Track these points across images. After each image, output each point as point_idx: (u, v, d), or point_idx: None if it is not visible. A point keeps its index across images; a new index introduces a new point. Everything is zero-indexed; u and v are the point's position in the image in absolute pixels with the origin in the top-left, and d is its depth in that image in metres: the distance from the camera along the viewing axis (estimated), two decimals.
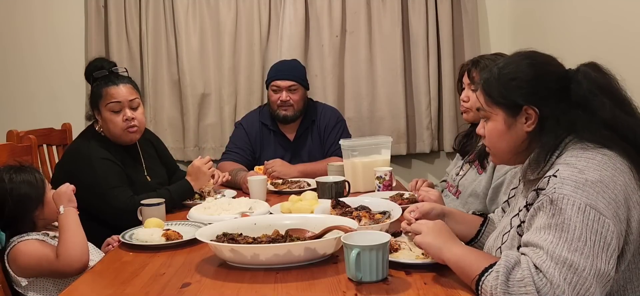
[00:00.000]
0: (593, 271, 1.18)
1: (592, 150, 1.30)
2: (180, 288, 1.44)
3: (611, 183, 1.24)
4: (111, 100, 2.36)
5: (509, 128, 1.41)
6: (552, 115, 1.35)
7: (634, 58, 2.32)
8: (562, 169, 1.27)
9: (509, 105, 1.40)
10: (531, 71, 1.39)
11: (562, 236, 1.20)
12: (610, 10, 2.50)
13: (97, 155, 2.32)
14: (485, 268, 1.28)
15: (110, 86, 2.39)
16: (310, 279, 1.46)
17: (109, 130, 2.40)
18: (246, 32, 3.58)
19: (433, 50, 3.59)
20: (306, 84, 3.17)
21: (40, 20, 3.60)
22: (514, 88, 1.39)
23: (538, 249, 1.22)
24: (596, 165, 1.26)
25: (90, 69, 2.47)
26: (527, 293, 1.18)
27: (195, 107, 3.60)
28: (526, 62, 1.41)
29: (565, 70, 1.40)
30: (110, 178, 2.28)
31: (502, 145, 1.44)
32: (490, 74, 1.44)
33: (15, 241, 1.85)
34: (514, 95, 1.38)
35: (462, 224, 1.72)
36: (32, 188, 1.90)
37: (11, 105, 3.62)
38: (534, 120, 1.37)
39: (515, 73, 1.40)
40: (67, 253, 1.79)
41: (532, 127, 1.38)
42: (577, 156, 1.30)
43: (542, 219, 1.25)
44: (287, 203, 2.16)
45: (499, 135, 1.43)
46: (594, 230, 1.19)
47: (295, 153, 3.14)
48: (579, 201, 1.21)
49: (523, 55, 1.44)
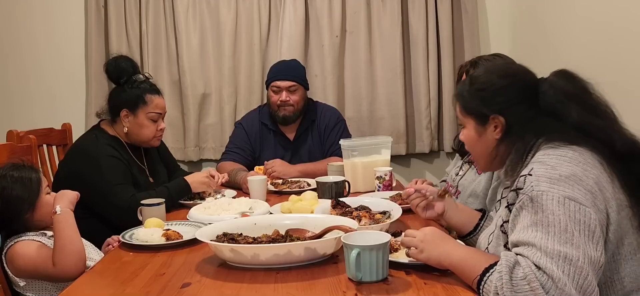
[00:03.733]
0: (586, 259, 1.21)
1: (563, 147, 1.36)
2: (180, 288, 1.44)
3: (584, 176, 1.29)
4: (155, 110, 2.48)
5: (480, 136, 1.52)
6: (519, 123, 1.44)
7: (634, 58, 2.32)
8: (536, 167, 1.32)
9: (477, 115, 1.51)
10: (500, 82, 1.49)
11: (550, 231, 1.23)
12: (610, 10, 2.50)
13: (104, 153, 2.34)
14: (486, 268, 1.29)
15: (155, 95, 2.49)
16: (310, 279, 1.46)
17: (138, 133, 2.46)
18: (246, 32, 3.58)
19: (433, 51, 3.59)
20: (306, 84, 3.17)
21: (40, 20, 3.60)
22: (482, 99, 1.49)
23: (531, 247, 1.24)
24: (568, 161, 1.31)
25: (121, 69, 2.47)
26: (533, 291, 1.19)
27: (196, 107, 3.60)
28: (495, 74, 1.52)
29: (536, 80, 1.48)
30: (115, 175, 2.29)
31: (477, 152, 1.55)
32: (463, 86, 1.56)
33: (13, 242, 1.83)
34: (481, 105, 1.49)
35: (462, 212, 1.81)
36: (25, 190, 1.85)
37: (11, 105, 3.61)
38: (501, 128, 1.46)
39: (485, 84, 1.50)
40: (63, 262, 1.76)
41: (500, 135, 1.47)
42: (549, 154, 1.35)
43: (526, 218, 1.29)
44: (287, 203, 2.16)
45: (472, 142, 1.55)
46: (577, 219, 1.23)
47: (295, 153, 3.14)
48: (557, 194, 1.26)
49: (494, 67, 1.57)
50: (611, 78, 2.47)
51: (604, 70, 2.54)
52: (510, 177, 1.44)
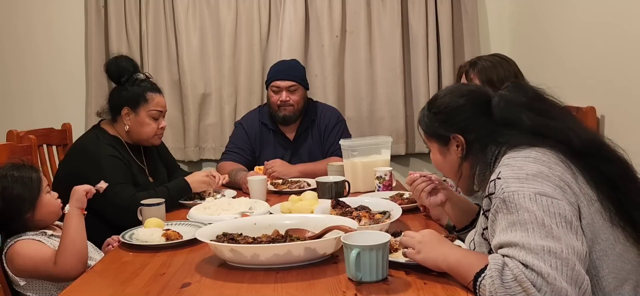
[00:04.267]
0: (569, 249, 1.22)
1: (526, 149, 1.40)
2: (180, 288, 1.44)
3: (549, 173, 1.32)
4: (156, 108, 2.49)
5: (444, 157, 1.59)
6: (478, 138, 1.50)
7: (634, 58, 2.32)
8: (503, 170, 1.36)
9: (438, 137, 1.58)
10: (454, 103, 1.55)
11: (529, 228, 1.25)
12: (610, 10, 2.50)
13: (105, 153, 2.35)
14: (478, 272, 1.30)
15: (156, 93, 2.51)
16: (310, 279, 1.46)
17: (139, 131, 2.47)
18: (246, 32, 3.58)
19: (433, 51, 3.59)
20: (306, 84, 3.17)
21: (40, 20, 3.60)
22: (441, 121, 1.56)
23: (515, 247, 1.25)
24: (532, 160, 1.36)
25: (121, 68, 2.49)
26: (525, 290, 1.20)
27: (196, 107, 3.60)
28: (450, 96, 1.58)
29: (489, 96, 1.54)
30: (115, 175, 2.29)
31: (445, 170, 1.62)
32: (422, 112, 1.64)
33: (12, 241, 1.83)
34: (440, 127, 1.56)
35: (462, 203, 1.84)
36: (25, 189, 1.86)
37: (11, 105, 3.62)
38: (462, 146, 1.53)
39: (441, 107, 1.57)
40: (65, 261, 1.77)
41: (462, 153, 1.53)
42: (513, 157, 1.39)
43: (503, 220, 1.31)
44: (287, 203, 2.16)
45: (439, 164, 1.62)
46: (552, 213, 1.26)
47: (295, 153, 3.14)
48: (528, 192, 1.28)
49: (450, 89, 1.63)
50: (611, 78, 2.48)
51: (604, 70, 2.54)
52: (481, 185, 1.49)
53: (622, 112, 2.39)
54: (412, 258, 1.46)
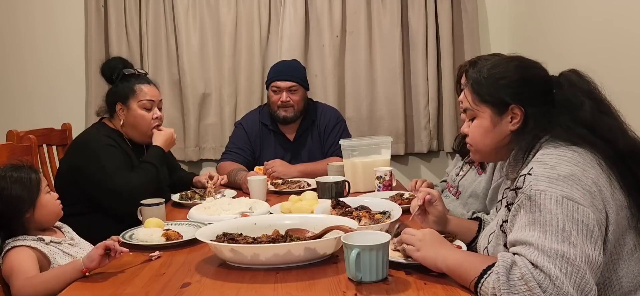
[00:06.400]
0: (584, 257, 1.21)
1: (563, 147, 1.36)
2: (180, 288, 1.44)
3: (583, 176, 1.29)
4: (145, 98, 2.50)
5: (494, 127, 1.48)
6: (536, 115, 1.42)
7: (634, 58, 2.32)
8: (536, 167, 1.32)
9: (496, 104, 1.47)
10: (519, 72, 1.47)
11: (547, 230, 1.23)
12: (610, 10, 2.50)
13: (103, 142, 2.39)
14: (484, 270, 1.29)
15: (144, 84, 2.52)
16: (310, 279, 1.46)
17: (136, 125, 2.50)
18: (246, 32, 3.58)
19: (432, 51, 3.59)
20: (306, 85, 3.17)
21: (40, 20, 3.60)
22: (502, 87, 1.46)
23: (529, 246, 1.24)
24: (567, 161, 1.32)
25: (111, 67, 2.55)
26: (530, 290, 1.19)
27: (196, 107, 3.60)
28: (514, 64, 1.49)
29: (549, 76, 1.48)
30: (112, 162, 2.33)
31: (486, 142, 1.50)
32: (479, 74, 1.51)
33: (10, 245, 1.82)
34: (502, 93, 1.45)
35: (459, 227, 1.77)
36: (25, 190, 1.84)
37: (11, 105, 3.62)
38: (519, 119, 1.45)
39: (504, 73, 1.47)
40: (32, 292, 1.65)
41: (517, 126, 1.45)
42: (549, 154, 1.35)
43: (524, 217, 1.29)
44: (287, 203, 2.16)
45: (484, 132, 1.50)
46: (575, 219, 1.23)
47: (295, 153, 3.14)
48: (556, 194, 1.26)
49: (510, 58, 1.52)
50: (611, 78, 2.47)
51: (604, 70, 2.52)
52: (512, 174, 1.44)
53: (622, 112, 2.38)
54: (411, 256, 1.45)
